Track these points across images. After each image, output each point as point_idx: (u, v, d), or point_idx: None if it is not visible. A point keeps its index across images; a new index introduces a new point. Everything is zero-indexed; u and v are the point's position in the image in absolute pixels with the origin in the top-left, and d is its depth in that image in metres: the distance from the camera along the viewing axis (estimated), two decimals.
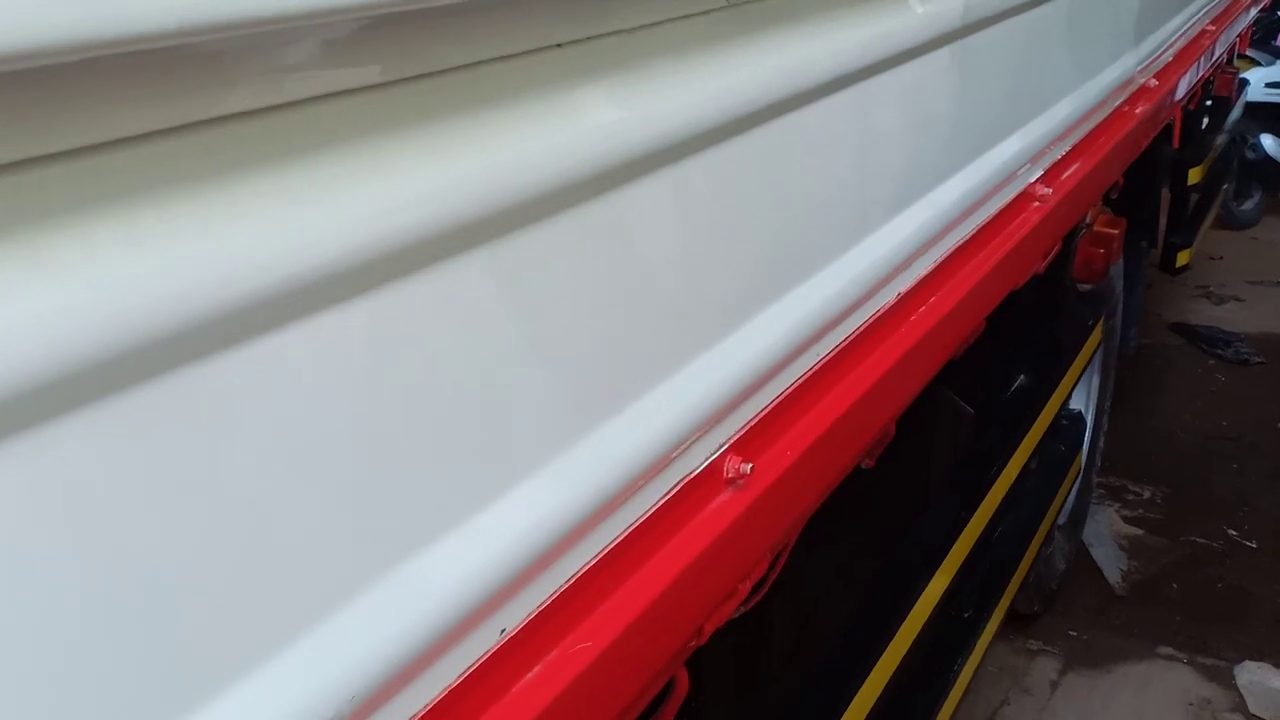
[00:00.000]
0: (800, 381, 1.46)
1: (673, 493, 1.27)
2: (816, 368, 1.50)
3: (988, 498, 2.71)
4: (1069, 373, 3.11)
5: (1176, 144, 4.12)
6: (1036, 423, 2.93)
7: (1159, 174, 4.23)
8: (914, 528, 2.61)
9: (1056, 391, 3.03)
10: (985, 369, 2.67)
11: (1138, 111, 3.10)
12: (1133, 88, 3.22)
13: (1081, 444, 3.51)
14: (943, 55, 1.86)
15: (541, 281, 1.05)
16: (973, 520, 2.65)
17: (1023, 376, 3.00)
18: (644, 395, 1.21)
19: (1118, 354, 4.63)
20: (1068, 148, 2.59)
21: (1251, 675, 3.90)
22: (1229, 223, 7.92)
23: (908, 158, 1.83)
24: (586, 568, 1.15)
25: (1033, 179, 2.33)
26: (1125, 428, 5.37)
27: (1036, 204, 2.31)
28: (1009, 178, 2.23)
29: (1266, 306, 6.92)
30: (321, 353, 0.81)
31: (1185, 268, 5.00)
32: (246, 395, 0.76)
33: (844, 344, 1.56)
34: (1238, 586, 4.45)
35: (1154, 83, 3.28)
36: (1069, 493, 3.43)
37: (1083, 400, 4.30)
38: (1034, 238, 2.29)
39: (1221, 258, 7.63)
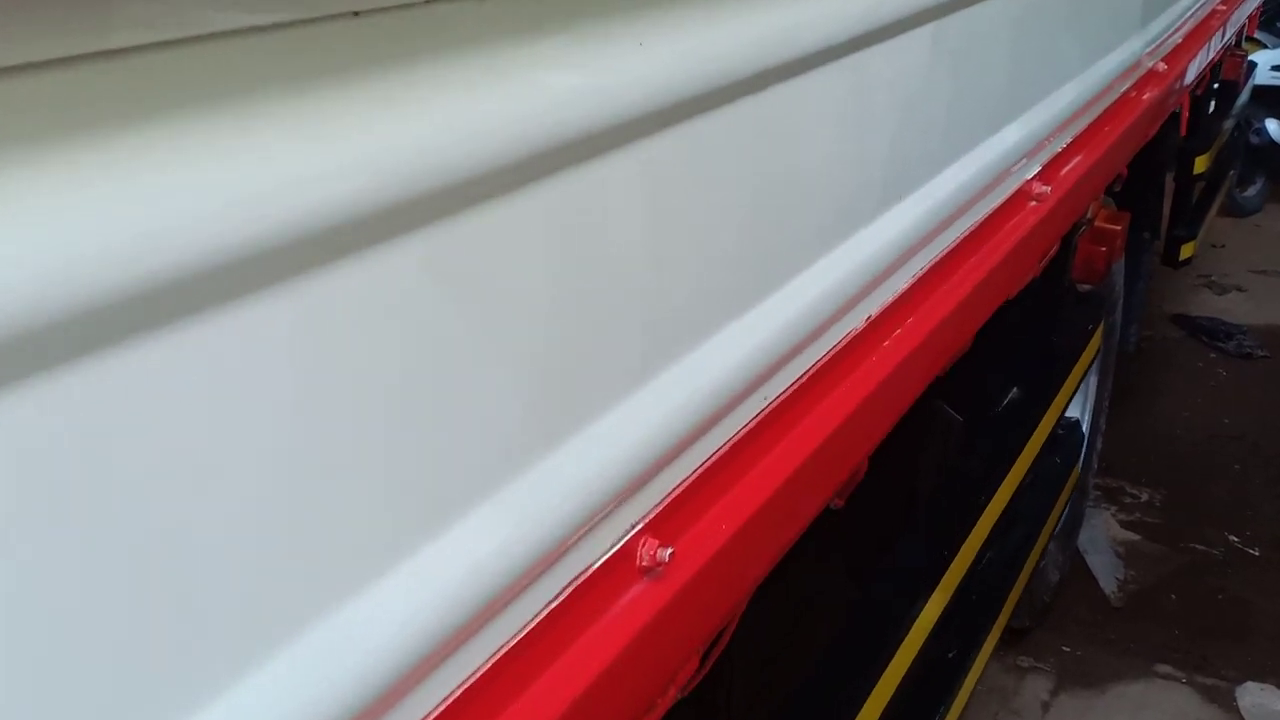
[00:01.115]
0: (738, 438, 1.18)
1: (571, 588, 0.99)
2: (760, 418, 1.21)
3: (979, 523, 2.44)
4: (1066, 383, 2.82)
5: (1184, 132, 3.82)
6: (1032, 439, 2.65)
7: (1164, 163, 3.94)
8: (896, 557, 2.35)
9: (1053, 404, 2.75)
10: (976, 378, 2.40)
11: (1145, 98, 2.81)
12: (1140, 72, 2.92)
13: (1079, 455, 3.23)
14: (923, 36, 1.57)
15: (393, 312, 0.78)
16: (963, 549, 2.38)
17: (1016, 387, 2.72)
18: (525, 471, 0.93)
19: (1117, 351, 4.37)
20: (1068, 140, 2.30)
21: (1254, 698, 3.63)
22: (1232, 210, 7.61)
23: (881, 157, 1.54)
24: (464, 687, 0.88)
25: (1029, 175, 2.04)
26: (1123, 426, 5.09)
27: (1033, 204, 2.02)
28: (1001, 175, 1.94)
29: (1270, 297, 6.63)
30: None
31: (1189, 260, 4.70)
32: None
33: (797, 385, 1.28)
34: (1239, 598, 4.18)
35: (1162, 67, 2.98)
36: (1065, 505, 3.15)
37: (1080, 405, 4.03)
38: (1029, 242, 2.01)
39: (1224, 246, 7.34)
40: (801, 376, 1.29)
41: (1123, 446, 4.97)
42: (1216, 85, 5.04)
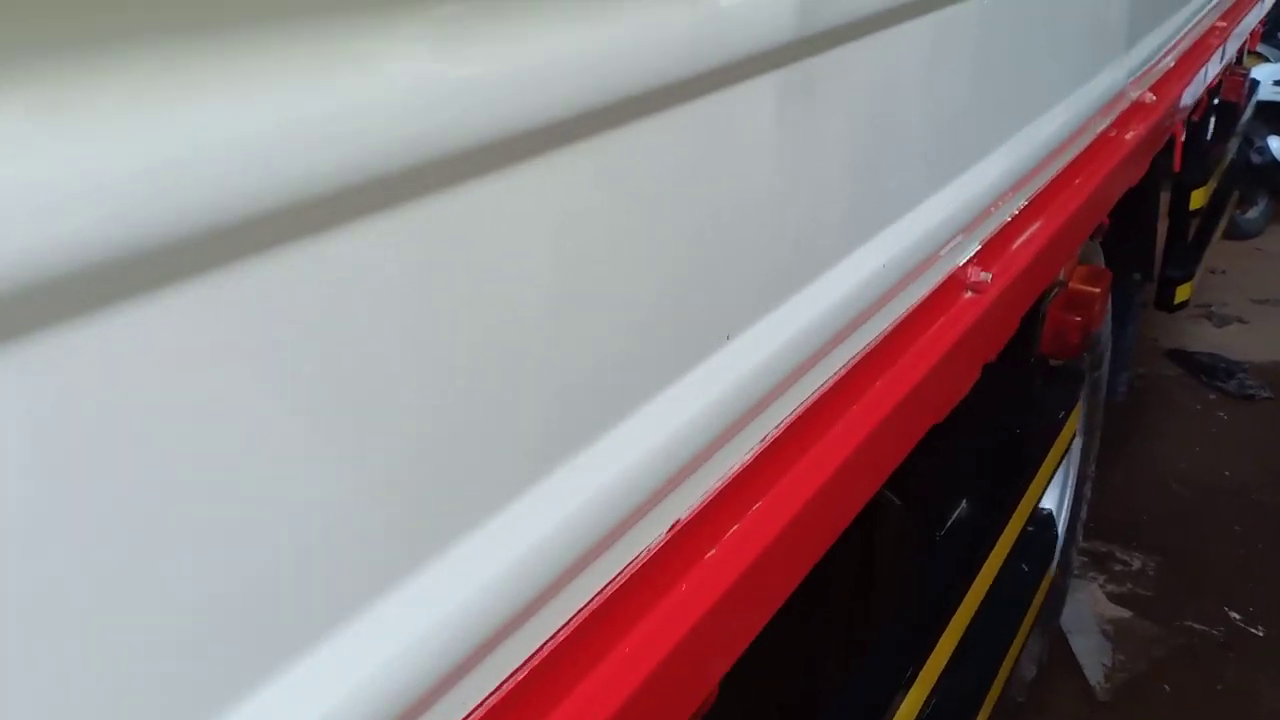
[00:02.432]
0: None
1: None
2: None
3: (930, 661, 1.93)
4: (1034, 481, 2.30)
5: (1179, 166, 3.29)
6: (993, 553, 2.14)
7: (1155, 199, 3.41)
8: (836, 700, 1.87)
9: (1018, 509, 2.23)
10: (927, 482, 1.91)
11: (1128, 137, 2.28)
12: (1123, 105, 2.40)
13: (1054, 553, 2.71)
14: (805, 70, 1.06)
15: None
16: (915, 687, 1.88)
17: (973, 493, 2.20)
18: None
19: (1107, 401, 3.86)
20: (1023, 203, 1.77)
21: None
22: (1232, 233, 7.05)
23: (752, 252, 1.03)
24: None
25: (963, 259, 1.52)
26: (1113, 481, 4.57)
27: (969, 295, 1.50)
28: (923, 264, 1.42)
29: (1273, 329, 6.09)
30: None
31: (1185, 304, 4.17)
32: None
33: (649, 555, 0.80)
34: (1242, 689, 3.66)
35: (1150, 98, 2.45)
36: (1034, 619, 2.62)
37: (1060, 476, 3.52)
38: (963, 347, 1.48)
39: (1224, 272, 6.81)
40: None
41: (1113, 503, 4.45)
42: (1215, 103, 4.51)
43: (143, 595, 0.57)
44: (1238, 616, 3.96)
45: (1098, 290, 2.45)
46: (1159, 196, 3.71)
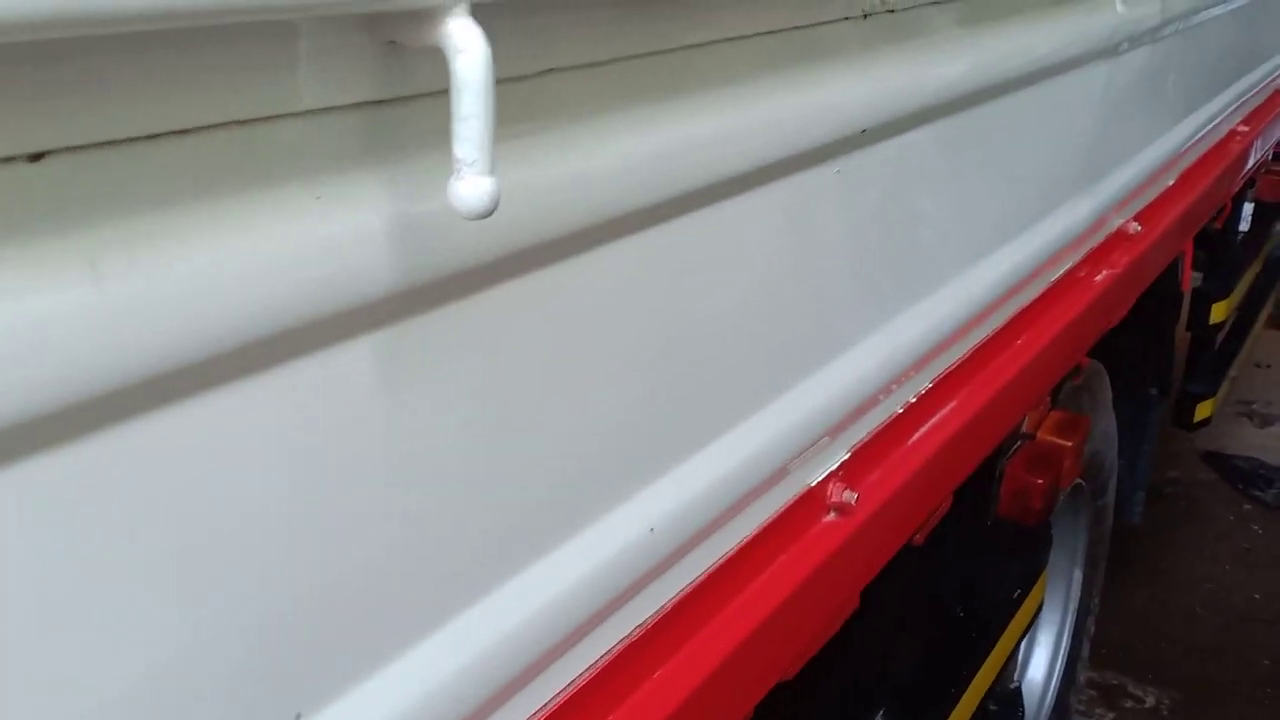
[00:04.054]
0: None
1: None
2: None
3: None
4: (984, 667, 1.95)
5: (1186, 284, 2.93)
6: None
7: (1165, 314, 3.05)
8: None
9: (961, 702, 1.88)
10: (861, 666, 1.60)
11: (1099, 278, 1.94)
12: (1103, 234, 2.06)
13: None
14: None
15: None
16: None
17: (908, 691, 1.86)
18: None
19: (1122, 522, 3.49)
20: (943, 367, 1.45)
21: None
22: (1278, 320, 6.56)
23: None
24: None
25: (813, 480, 1.20)
26: (1131, 602, 4.16)
27: (831, 517, 1.18)
28: (776, 474, 1.11)
29: None
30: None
31: (1207, 421, 3.76)
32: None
33: None
34: None
35: (1135, 227, 2.11)
36: None
37: (1058, 598, 3.16)
38: (822, 585, 1.16)
39: (1269, 366, 6.32)
40: None
41: (1128, 628, 4.04)
42: (1248, 204, 4.11)
43: None
44: None
45: (1069, 444, 2.10)
46: (1178, 306, 3.35)
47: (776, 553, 1.14)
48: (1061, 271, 1.91)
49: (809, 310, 1.16)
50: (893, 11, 1.10)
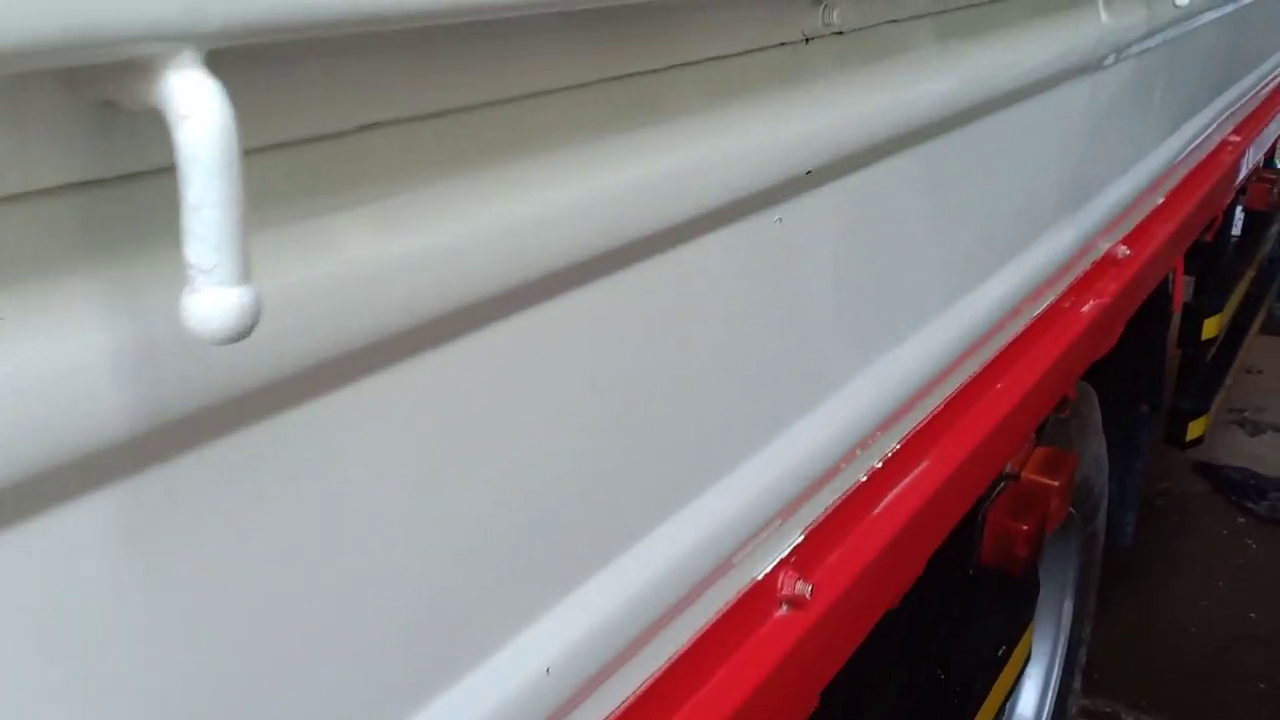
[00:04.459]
0: None
1: None
2: None
3: None
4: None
5: (1178, 306, 2.78)
6: None
7: (1155, 332, 2.89)
8: None
9: None
10: None
11: (1085, 309, 1.79)
12: (1090, 260, 1.90)
13: None
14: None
15: None
16: None
17: None
18: None
19: (1113, 544, 3.34)
20: (907, 429, 1.29)
21: None
22: (1270, 326, 6.41)
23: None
24: None
25: (760, 571, 1.03)
26: (1122, 623, 4.00)
27: (784, 612, 1.02)
28: (720, 566, 0.95)
29: None
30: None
31: (1200, 440, 3.61)
32: None
33: None
34: None
35: (1124, 251, 1.96)
36: None
37: (1049, 627, 3.01)
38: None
39: (1260, 371, 6.18)
40: None
41: (1120, 652, 3.89)
42: (1239, 212, 3.96)
43: None
44: None
45: (1056, 483, 1.95)
46: (1167, 321, 3.20)
47: (721, 658, 0.97)
48: (1044, 306, 1.75)
49: (750, 377, 1.00)
50: (841, 34, 0.94)
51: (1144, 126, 2.04)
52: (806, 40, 0.90)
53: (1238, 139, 2.83)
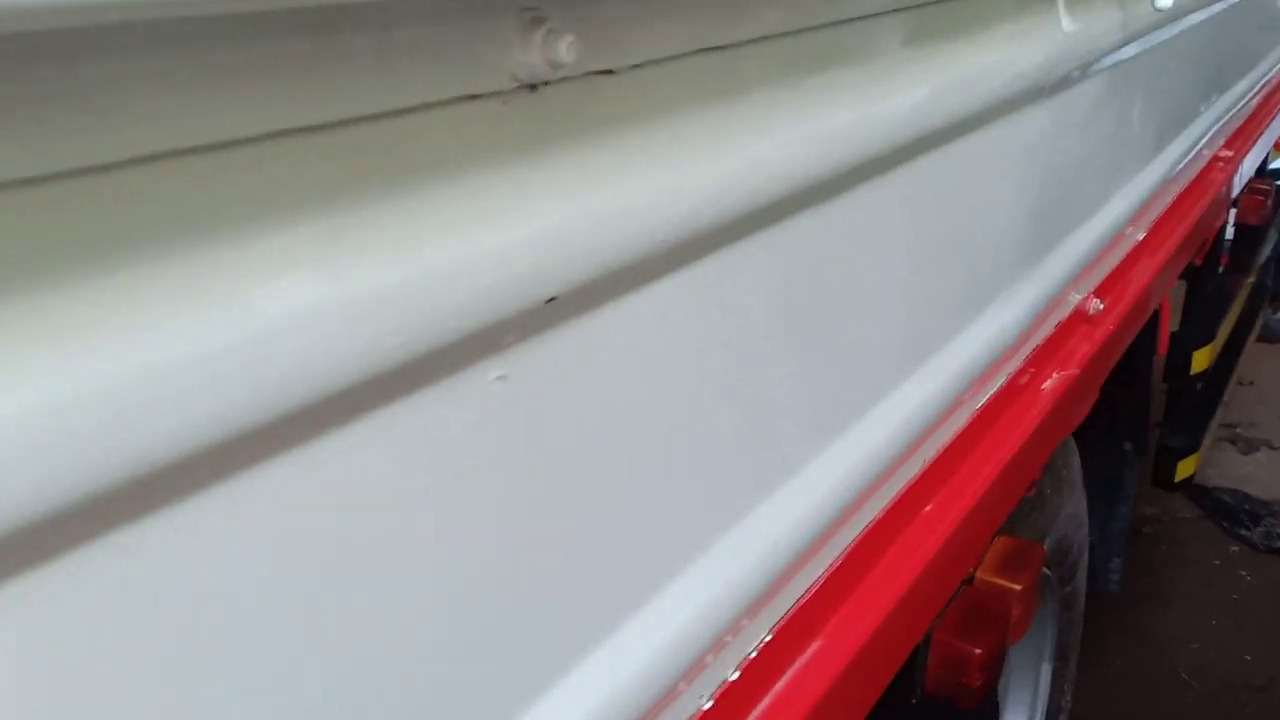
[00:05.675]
0: None
1: None
2: None
3: None
4: None
5: (1164, 349, 2.44)
6: None
7: (1139, 365, 2.56)
8: None
9: None
10: None
11: (1046, 386, 1.44)
12: (1053, 322, 1.56)
13: None
14: None
15: None
16: None
17: None
18: None
19: (1098, 591, 3.03)
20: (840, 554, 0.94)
21: None
22: (1264, 335, 6.07)
23: None
24: None
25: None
26: (1109, 668, 3.69)
27: None
28: None
29: None
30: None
31: (1189, 479, 3.27)
32: None
33: None
34: None
35: (1097, 305, 1.60)
36: None
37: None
38: None
39: (1252, 383, 5.84)
40: None
41: (1107, 700, 3.56)
42: (1229, 226, 3.61)
43: None
44: None
45: (1019, 586, 1.60)
46: (1152, 353, 2.86)
47: None
48: (1001, 383, 1.40)
49: (614, 538, 0.66)
50: (612, 73, 0.60)
51: (1118, 153, 1.68)
52: (532, 89, 0.56)
53: (1230, 154, 2.48)
